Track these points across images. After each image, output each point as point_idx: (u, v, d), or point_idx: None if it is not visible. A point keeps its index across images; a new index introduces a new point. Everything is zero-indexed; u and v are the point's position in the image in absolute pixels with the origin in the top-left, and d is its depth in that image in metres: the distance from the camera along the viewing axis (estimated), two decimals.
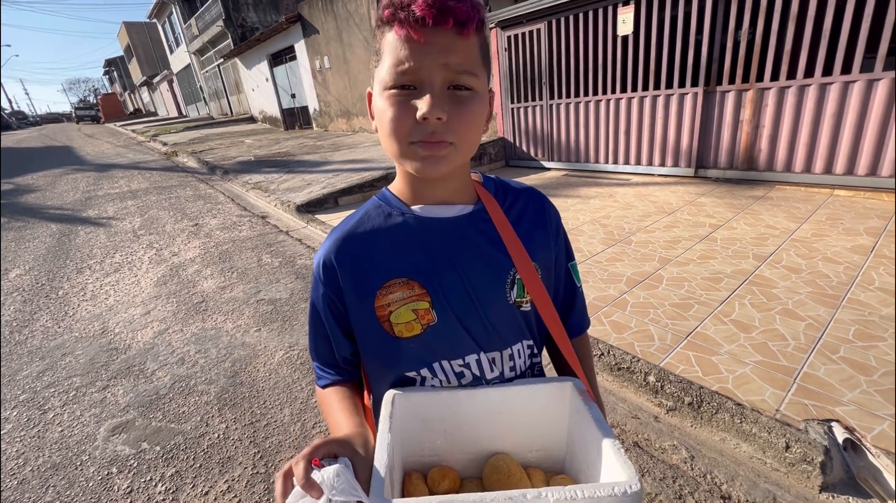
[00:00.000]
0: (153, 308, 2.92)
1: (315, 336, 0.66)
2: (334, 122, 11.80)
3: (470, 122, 0.51)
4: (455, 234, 0.59)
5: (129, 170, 9.18)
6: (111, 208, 5.91)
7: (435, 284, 0.58)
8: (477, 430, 0.60)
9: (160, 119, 28.67)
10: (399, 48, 0.47)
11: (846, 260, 2.56)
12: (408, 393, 0.58)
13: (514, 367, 0.63)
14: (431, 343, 0.60)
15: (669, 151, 4.71)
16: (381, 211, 0.61)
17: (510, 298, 0.61)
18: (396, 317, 0.59)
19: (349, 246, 0.61)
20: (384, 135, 0.52)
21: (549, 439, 0.61)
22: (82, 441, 1.79)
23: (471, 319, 0.60)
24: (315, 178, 5.91)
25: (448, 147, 0.50)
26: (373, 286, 0.59)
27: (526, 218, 0.64)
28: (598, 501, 0.42)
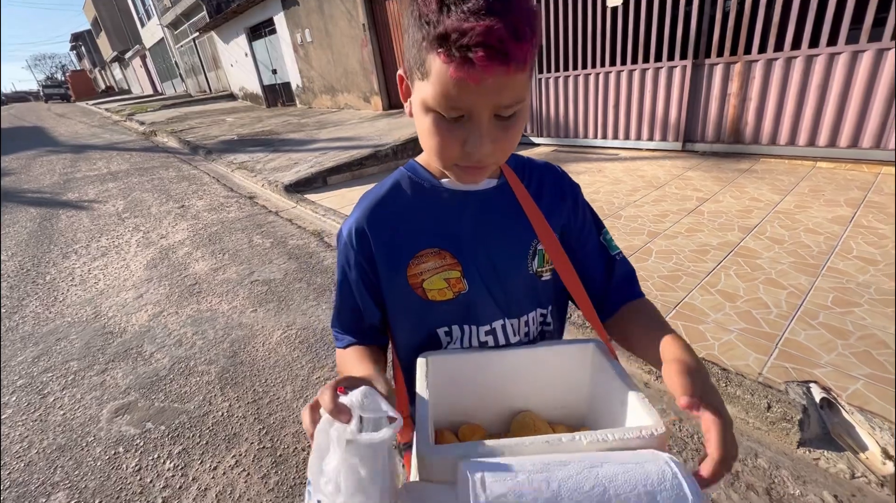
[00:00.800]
0: (146, 291, 2.90)
1: (342, 304, 0.67)
2: (318, 99, 11.50)
3: (514, 140, 0.52)
4: (482, 207, 0.63)
5: (107, 151, 8.89)
6: (92, 191, 5.76)
7: (466, 254, 0.62)
8: (504, 390, 0.64)
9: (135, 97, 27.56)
10: (452, 86, 0.45)
11: (827, 230, 2.65)
12: (441, 355, 0.61)
13: (529, 333, 0.68)
14: (462, 308, 0.64)
15: (658, 125, 4.73)
16: (410, 182, 0.64)
17: (531, 269, 0.65)
18: (430, 284, 0.62)
19: (381, 214, 0.63)
20: (428, 148, 0.54)
21: (572, 397, 0.65)
22: (86, 423, 1.81)
23: (495, 288, 0.63)
24: (302, 157, 5.80)
25: (492, 166, 0.54)
26: (406, 255, 0.62)
27: (545, 191, 0.66)
28: (627, 443, 0.45)
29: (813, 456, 1.47)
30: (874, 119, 3.45)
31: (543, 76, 5.50)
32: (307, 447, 1.61)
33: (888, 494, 1.33)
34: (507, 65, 0.43)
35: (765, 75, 3.90)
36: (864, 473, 1.40)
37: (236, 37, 14.07)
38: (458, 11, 0.42)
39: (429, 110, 0.49)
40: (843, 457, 1.45)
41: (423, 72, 0.47)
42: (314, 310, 2.50)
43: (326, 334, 2.28)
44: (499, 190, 0.63)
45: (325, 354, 2.13)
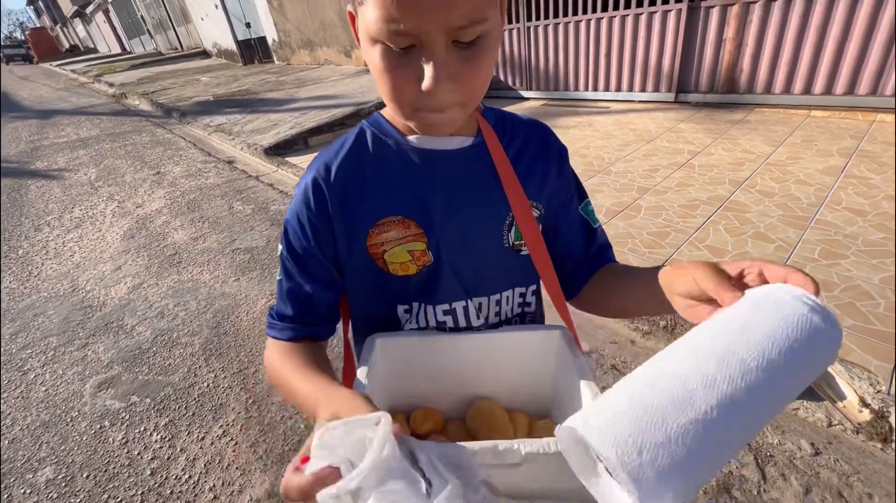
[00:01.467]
0: (123, 263, 2.82)
1: (287, 282, 0.57)
2: (296, 55, 10.90)
3: (480, 77, 0.44)
4: (454, 170, 0.54)
5: (76, 115, 8.44)
6: (61, 159, 5.49)
7: (433, 224, 0.54)
8: (462, 375, 0.60)
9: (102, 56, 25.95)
10: (392, 3, 0.37)
11: (817, 181, 2.61)
12: (391, 337, 0.56)
13: (500, 313, 0.61)
14: (424, 283, 0.57)
15: (650, 75, 4.55)
16: (374, 138, 0.55)
17: (507, 241, 0.58)
18: (391, 256, 0.55)
19: (340, 174, 0.54)
20: (383, 92, 0.45)
21: (536, 385, 0.61)
22: (69, 398, 1.79)
23: (463, 263, 0.57)
24: (281, 118, 5.55)
25: (456, 108, 0.45)
26: (365, 222, 0.54)
27: (527, 153, 0.58)
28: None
29: (792, 406, 1.50)
30: (872, 64, 3.33)
31: (532, 24, 5.21)
32: (294, 415, 1.61)
33: (863, 440, 1.37)
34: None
35: (763, 18, 3.71)
36: (840, 421, 1.43)
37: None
38: None
39: (374, 42, 0.41)
40: (822, 406, 1.48)
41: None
42: None
43: None
44: (474, 150, 0.55)
45: None
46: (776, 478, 1.31)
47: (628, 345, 1.80)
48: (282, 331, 0.57)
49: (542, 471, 0.41)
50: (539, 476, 0.42)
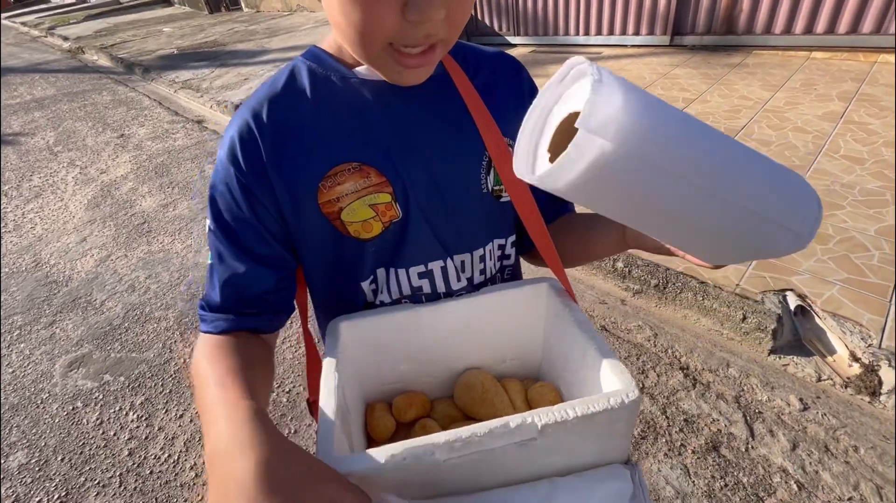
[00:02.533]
0: (89, 234, 2.66)
1: (217, 263, 0.46)
2: (266, 2, 10.09)
3: (467, 12, 0.38)
4: (415, 104, 0.45)
5: (29, 74, 7.81)
6: (15, 122, 5.11)
7: (398, 169, 0.46)
8: (443, 348, 0.53)
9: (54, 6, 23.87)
10: None
11: (816, 128, 2.50)
12: (357, 319, 0.48)
13: (485, 270, 0.54)
14: (392, 244, 0.48)
15: (645, 16, 4.26)
16: (312, 75, 0.45)
17: (486, 187, 0.50)
18: (350, 214, 0.45)
19: (273, 119, 0.43)
20: (342, 26, 0.36)
21: (524, 346, 0.55)
22: (38, 380, 1.71)
23: (438, 215, 0.48)
24: (252, 72, 5.18)
25: (438, 49, 0.39)
26: (313, 173, 0.44)
27: (497, 87, 0.50)
28: (592, 419, 0.36)
29: (782, 362, 1.48)
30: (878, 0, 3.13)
31: None
32: (275, 389, 1.56)
33: (851, 394, 1.37)
34: None
35: None
36: (829, 376, 1.42)
37: None
38: None
39: None
40: (812, 361, 1.46)
41: None
42: None
43: None
44: (436, 83, 0.46)
45: None
46: (764, 434, 1.30)
47: (619, 305, 1.75)
48: (212, 322, 0.46)
49: (561, 442, 0.37)
50: (558, 447, 0.38)
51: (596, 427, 0.37)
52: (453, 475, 0.36)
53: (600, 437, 0.38)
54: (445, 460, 0.34)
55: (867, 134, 2.38)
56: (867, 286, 1.55)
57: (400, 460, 0.33)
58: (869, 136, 2.36)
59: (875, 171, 2.09)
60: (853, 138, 2.36)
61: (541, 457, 0.38)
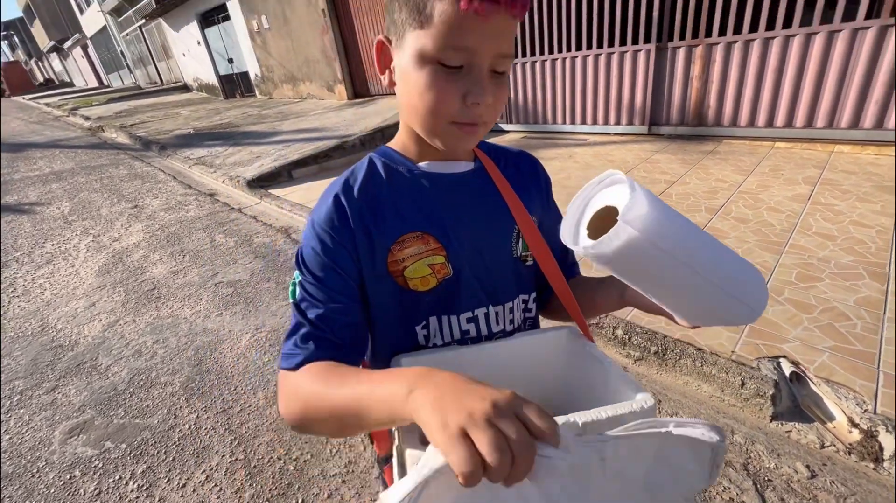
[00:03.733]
0: (98, 299, 2.70)
1: (312, 307, 0.54)
2: (279, 89, 11.05)
3: (503, 102, 0.52)
4: (463, 189, 0.60)
5: (49, 149, 8.26)
6: (33, 193, 5.33)
7: (450, 237, 0.58)
8: None
9: (78, 90, 25.74)
10: (460, 25, 0.45)
11: (787, 208, 2.74)
12: (416, 356, 0.57)
13: (513, 321, 0.65)
14: (445, 296, 0.59)
15: (624, 110, 4.78)
16: (385, 167, 0.59)
17: (515, 252, 0.63)
18: (411, 272, 0.57)
19: (359, 198, 0.57)
20: (419, 109, 0.50)
21: (553, 385, 0.64)
22: (36, 447, 1.66)
23: (481, 272, 0.60)
24: (264, 151, 5.56)
25: (482, 127, 0.52)
26: (386, 240, 0.56)
27: (523, 178, 0.65)
28: (619, 419, 0.45)
29: (785, 428, 1.51)
30: (826, 99, 3.59)
31: None
32: (283, 457, 1.54)
33: (855, 461, 1.39)
34: (514, 2, 0.45)
35: (725, 58, 3.98)
36: (832, 442, 1.45)
37: (187, 24, 13.28)
38: None
39: (426, 62, 0.47)
40: (813, 428, 1.50)
41: (422, 19, 0.46)
42: (285, 311, 2.39)
43: None
44: (475, 173, 0.62)
45: None
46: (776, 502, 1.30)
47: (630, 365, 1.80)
48: (304, 353, 0.51)
49: None
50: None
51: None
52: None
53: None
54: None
55: (834, 214, 2.61)
56: (854, 353, 1.64)
57: None
58: (836, 215, 2.59)
59: (846, 247, 2.27)
60: (822, 217, 2.58)
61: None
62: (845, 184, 2.98)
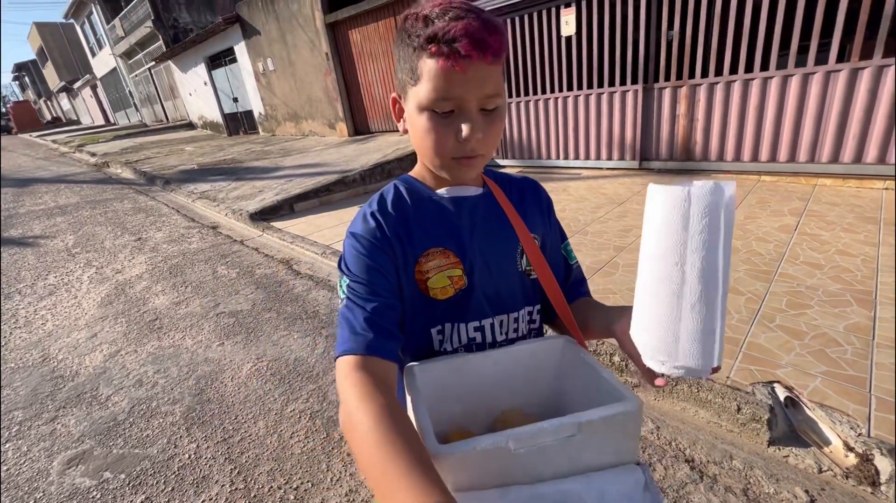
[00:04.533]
0: (100, 330, 2.72)
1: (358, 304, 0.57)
2: (282, 126, 11.41)
3: (497, 136, 0.60)
4: (475, 211, 0.68)
5: (55, 184, 8.42)
6: (37, 226, 5.41)
7: (467, 253, 0.66)
8: (488, 392, 0.67)
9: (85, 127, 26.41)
10: (441, 78, 0.53)
11: (775, 238, 2.84)
12: (425, 364, 0.63)
13: (518, 330, 0.71)
14: (459, 305, 0.67)
15: (615, 145, 4.97)
16: (410, 192, 0.68)
17: (520, 267, 0.70)
18: (434, 282, 0.65)
19: (392, 216, 0.65)
20: (424, 149, 0.60)
21: (549, 389, 0.69)
22: (33, 478, 1.65)
23: (489, 285, 0.68)
24: (267, 185, 5.70)
25: (480, 159, 0.60)
26: (414, 254, 0.64)
27: (527, 202, 0.74)
28: (611, 419, 0.50)
29: (783, 453, 1.53)
30: (806, 135, 3.77)
31: (506, 101, 5.70)
32: (283, 485, 1.53)
33: (853, 485, 1.40)
34: (486, 53, 0.52)
35: (708, 98, 4.21)
36: (829, 467, 1.46)
37: (195, 66, 13.86)
38: (441, 20, 0.52)
39: (423, 110, 0.56)
40: (810, 452, 1.52)
41: (415, 77, 0.55)
42: (285, 341, 2.42)
43: (300, 364, 2.20)
44: (484, 197, 0.70)
45: (298, 385, 2.05)
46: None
47: None
48: (356, 342, 0.54)
49: (592, 439, 0.51)
50: (589, 444, 0.51)
51: (614, 427, 0.51)
52: (518, 463, 0.48)
53: (617, 437, 0.52)
54: (515, 449, 0.47)
55: (820, 243, 2.70)
56: (846, 378, 1.67)
57: (485, 446, 0.46)
58: (822, 245, 2.68)
59: (833, 275, 2.34)
60: (809, 247, 2.67)
61: (578, 453, 0.50)
62: (829, 215, 3.10)
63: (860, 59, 3.40)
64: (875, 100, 3.41)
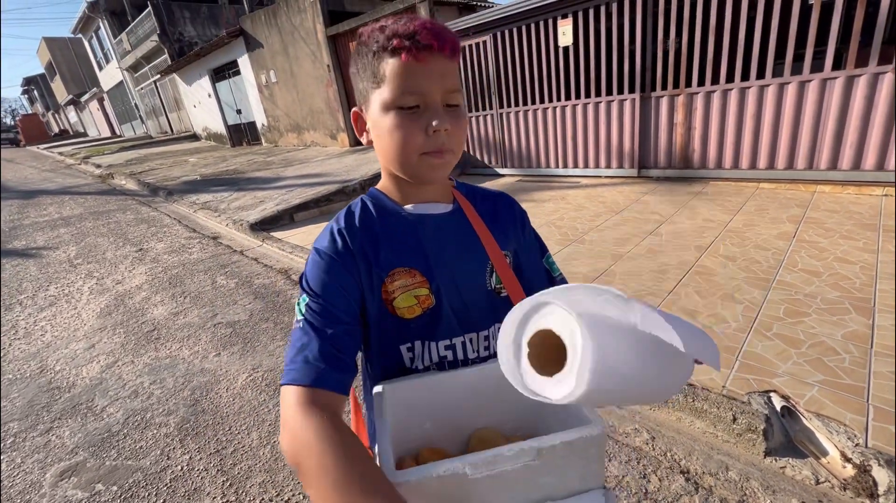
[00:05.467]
0: (98, 341, 2.73)
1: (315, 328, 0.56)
2: (284, 137, 11.53)
3: (463, 130, 0.61)
4: (443, 229, 0.67)
5: (59, 195, 8.51)
6: (41, 238, 5.45)
7: (433, 272, 0.65)
8: (460, 410, 0.66)
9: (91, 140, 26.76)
10: (405, 73, 0.55)
11: (773, 246, 2.82)
12: (394, 383, 0.62)
13: (489, 348, 0.70)
14: (427, 324, 0.66)
15: (614, 154, 4.99)
16: (377, 208, 0.67)
17: (489, 285, 0.69)
18: (400, 301, 0.64)
19: (358, 233, 0.65)
20: (392, 149, 0.59)
21: (524, 410, 0.67)
22: (26, 490, 1.65)
23: (458, 304, 0.67)
24: (268, 195, 5.74)
25: (449, 155, 0.60)
26: (381, 272, 0.64)
27: (500, 216, 0.73)
28: (572, 444, 0.49)
29: (779, 464, 1.51)
30: (804, 142, 3.77)
31: (504, 111, 5.75)
32: (275, 498, 1.52)
33: (851, 497, 1.38)
34: (445, 45, 0.55)
35: (705, 106, 4.22)
36: (827, 478, 1.44)
37: (199, 78, 14.06)
38: (397, 24, 0.55)
39: (388, 109, 0.57)
40: (807, 463, 1.49)
41: (377, 80, 0.57)
42: (281, 351, 2.42)
43: None
44: (453, 214, 0.69)
45: None
46: None
47: (615, 409, 1.81)
48: (304, 371, 0.53)
49: (553, 465, 0.50)
50: (551, 469, 0.50)
51: (576, 452, 0.50)
52: (477, 489, 0.47)
53: (580, 461, 0.51)
54: (472, 475, 0.46)
55: (819, 251, 2.69)
56: (844, 387, 1.65)
57: (441, 472, 0.45)
58: (821, 252, 2.67)
59: (832, 283, 2.33)
60: (807, 254, 2.66)
61: (539, 479, 0.49)
62: (828, 222, 3.08)
63: (856, 67, 3.41)
64: (872, 106, 3.41)
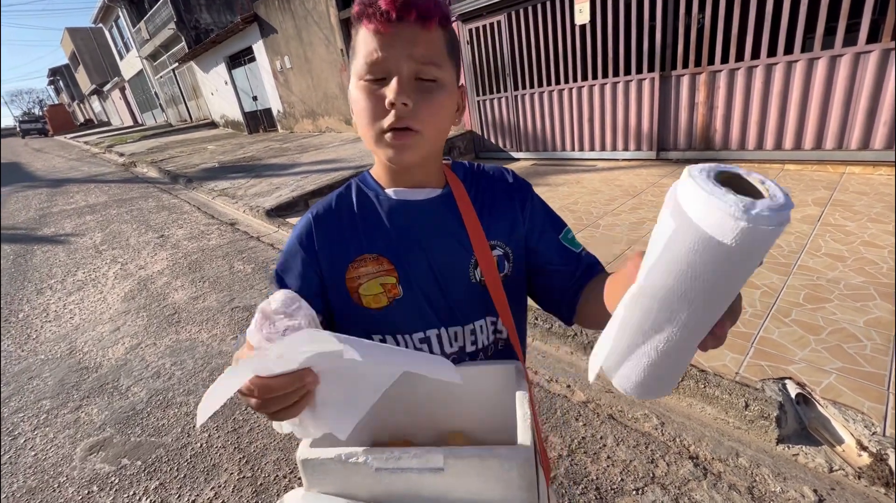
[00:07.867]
0: (123, 324, 2.84)
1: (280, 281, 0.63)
2: (300, 124, 11.57)
3: (435, 110, 0.54)
4: (424, 216, 0.63)
5: (86, 183, 8.78)
6: (69, 225, 5.66)
7: (402, 261, 0.62)
8: (434, 409, 0.63)
9: (114, 129, 27.40)
10: (369, 41, 0.52)
11: (796, 230, 2.73)
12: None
13: (476, 342, 0.66)
14: (396, 315, 0.64)
15: (632, 136, 4.86)
16: (358, 191, 0.66)
17: (474, 278, 0.64)
18: (365, 289, 0.63)
19: (327, 219, 0.64)
20: (359, 122, 0.56)
21: (497, 417, 0.63)
22: (58, 463, 1.75)
23: (434, 295, 0.63)
24: (283, 182, 5.81)
25: (414, 135, 0.54)
26: (345, 259, 0.63)
27: (495, 196, 0.67)
28: (485, 461, 0.44)
29: (792, 452, 1.48)
30: (834, 121, 3.60)
31: (520, 93, 5.64)
32: (288, 475, 1.58)
33: (865, 485, 1.35)
34: (409, 10, 0.50)
35: (729, 84, 4.05)
36: (841, 466, 1.41)
37: (216, 66, 14.17)
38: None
39: (359, 80, 0.54)
40: (821, 451, 1.47)
41: (353, 52, 0.55)
42: None
43: None
44: (442, 200, 0.64)
45: None
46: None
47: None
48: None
49: (466, 481, 0.45)
50: (464, 485, 0.45)
51: (492, 472, 0.44)
52: (384, 487, 0.46)
53: (499, 484, 0.44)
54: (377, 468, 0.45)
55: (845, 234, 2.58)
56: (864, 375, 1.61)
57: (344, 456, 0.45)
58: (847, 236, 2.57)
59: (857, 268, 2.24)
60: (832, 238, 2.56)
61: (451, 492, 0.45)
62: (856, 205, 2.96)
63: (892, 39, 3.21)
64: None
